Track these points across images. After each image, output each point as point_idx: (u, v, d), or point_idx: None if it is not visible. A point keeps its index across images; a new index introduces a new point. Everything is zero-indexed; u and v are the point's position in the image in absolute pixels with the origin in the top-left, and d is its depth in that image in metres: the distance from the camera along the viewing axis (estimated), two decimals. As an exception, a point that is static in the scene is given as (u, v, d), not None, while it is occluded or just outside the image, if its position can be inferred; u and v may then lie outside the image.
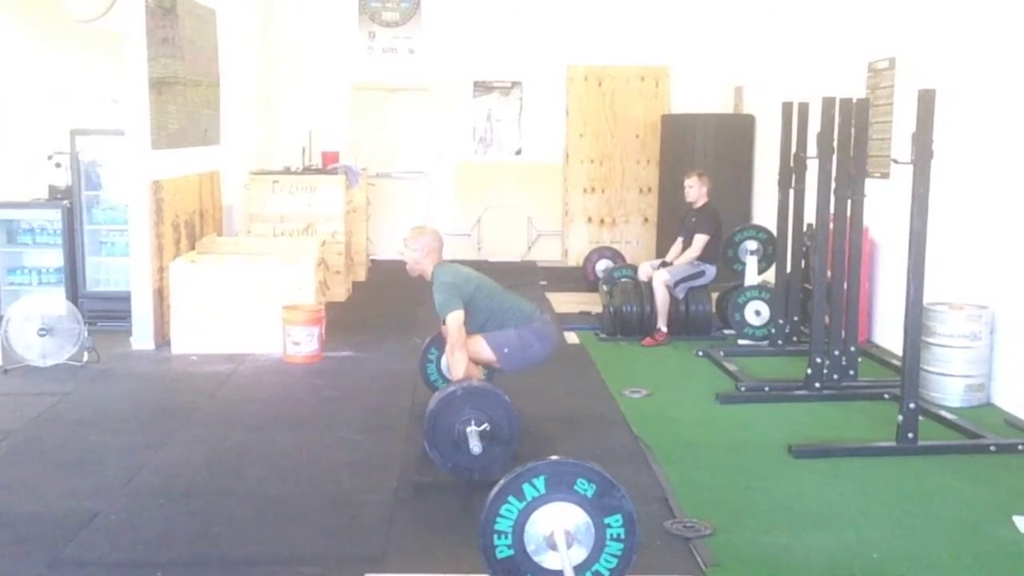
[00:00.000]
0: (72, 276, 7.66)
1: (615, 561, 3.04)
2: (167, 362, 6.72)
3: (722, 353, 6.88)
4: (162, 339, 7.09)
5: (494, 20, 11.47)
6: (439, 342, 5.47)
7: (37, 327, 6.39)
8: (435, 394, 4.65)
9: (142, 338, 7.04)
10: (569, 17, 11.41)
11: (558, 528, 3.01)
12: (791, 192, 6.79)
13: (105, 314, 7.52)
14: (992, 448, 4.90)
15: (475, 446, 4.15)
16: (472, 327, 4.94)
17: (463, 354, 4.80)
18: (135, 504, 4.16)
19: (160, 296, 7.11)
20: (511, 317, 5.01)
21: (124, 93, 7.10)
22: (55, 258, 7.75)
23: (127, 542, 3.77)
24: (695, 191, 7.62)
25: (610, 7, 11.39)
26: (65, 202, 7.69)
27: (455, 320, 4.81)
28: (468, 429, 4.24)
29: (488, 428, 4.27)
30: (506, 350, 4.90)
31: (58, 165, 7.92)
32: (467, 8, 11.49)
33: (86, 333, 6.52)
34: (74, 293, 7.55)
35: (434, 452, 4.36)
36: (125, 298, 7.22)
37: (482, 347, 4.89)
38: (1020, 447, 4.92)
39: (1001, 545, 3.81)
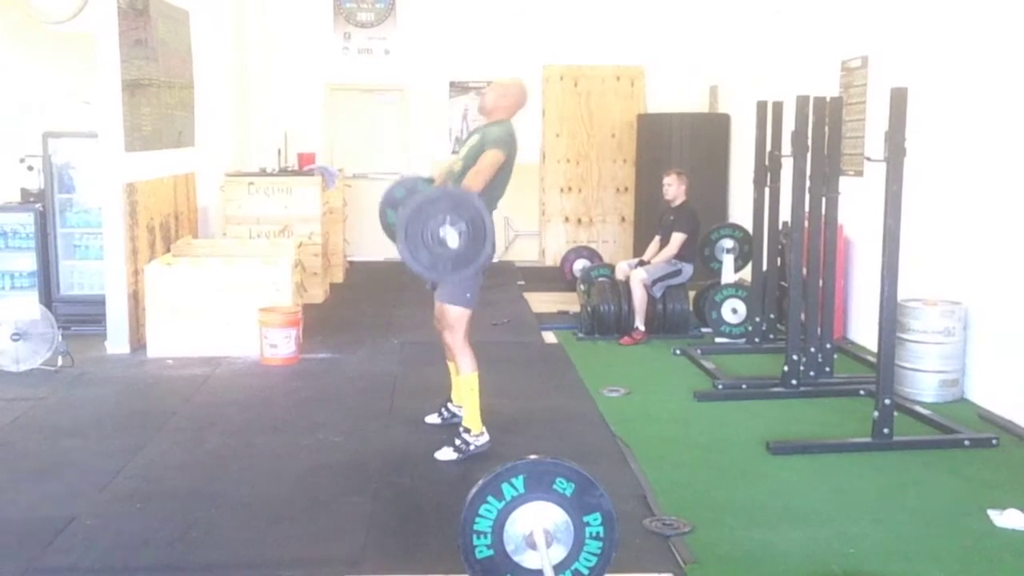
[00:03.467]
0: (45, 280, 7.58)
1: (594, 560, 3.04)
2: (143, 366, 6.67)
3: (699, 351, 6.91)
4: (137, 343, 7.04)
5: (469, 21, 11.48)
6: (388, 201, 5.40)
7: (10, 332, 6.33)
8: (408, 200, 4.57)
9: (117, 342, 6.98)
10: (544, 17, 11.43)
11: (537, 527, 3.02)
12: (766, 190, 6.83)
13: (79, 318, 7.45)
14: (966, 443, 4.94)
15: (452, 241, 4.14)
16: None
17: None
18: (111, 509, 4.12)
19: (135, 299, 7.05)
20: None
21: (97, 95, 7.04)
22: (28, 262, 7.66)
23: (103, 547, 3.74)
24: (674, 189, 7.64)
25: (585, 7, 11.43)
26: (38, 205, 7.61)
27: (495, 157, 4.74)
28: (442, 231, 4.20)
29: (464, 228, 4.23)
30: (468, 295, 4.75)
31: (30, 168, 7.84)
32: (442, 9, 11.49)
33: (60, 337, 6.46)
34: (48, 297, 7.48)
35: (406, 253, 4.26)
36: (100, 302, 7.16)
37: (459, 313, 4.73)
38: (994, 441, 4.97)
39: (976, 538, 3.85)
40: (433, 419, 5.32)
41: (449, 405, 5.29)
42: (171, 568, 3.60)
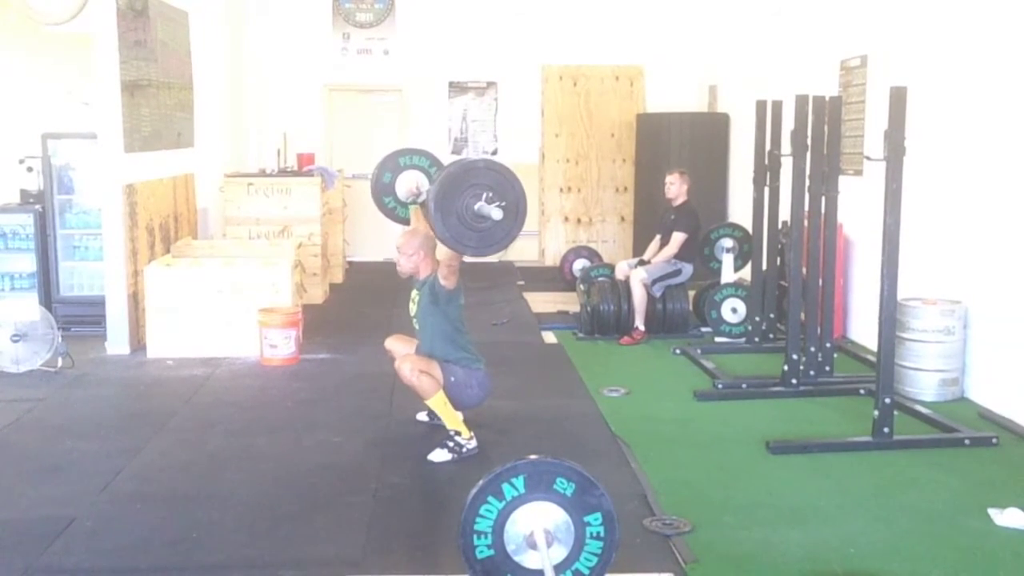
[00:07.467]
0: (45, 281, 7.58)
1: (595, 559, 3.05)
2: (142, 367, 6.67)
3: (699, 351, 6.91)
4: (137, 344, 7.03)
5: (468, 21, 11.48)
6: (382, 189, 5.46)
7: (10, 333, 6.32)
8: (448, 167, 4.55)
9: (117, 343, 6.98)
10: (543, 17, 11.43)
11: (538, 527, 3.02)
12: (766, 190, 6.83)
13: (79, 319, 7.45)
14: (966, 442, 4.95)
15: (495, 213, 4.11)
16: (440, 340, 4.94)
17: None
18: (111, 510, 4.12)
19: (135, 300, 7.05)
20: (470, 350, 5.02)
21: (96, 96, 7.04)
22: (28, 263, 7.67)
23: (104, 548, 3.74)
24: (676, 188, 7.63)
25: (584, 7, 11.43)
26: (37, 206, 7.62)
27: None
28: (477, 205, 4.15)
29: (504, 204, 4.17)
30: (452, 379, 4.87)
31: (30, 169, 7.85)
32: (441, 9, 11.49)
33: (60, 338, 6.46)
34: (47, 298, 7.48)
35: (436, 216, 4.18)
36: (99, 303, 7.16)
37: (436, 367, 4.87)
38: (994, 440, 4.97)
39: (976, 537, 3.85)
40: (423, 417, 5.34)
41: None
42: (172, 569, 3.60)
